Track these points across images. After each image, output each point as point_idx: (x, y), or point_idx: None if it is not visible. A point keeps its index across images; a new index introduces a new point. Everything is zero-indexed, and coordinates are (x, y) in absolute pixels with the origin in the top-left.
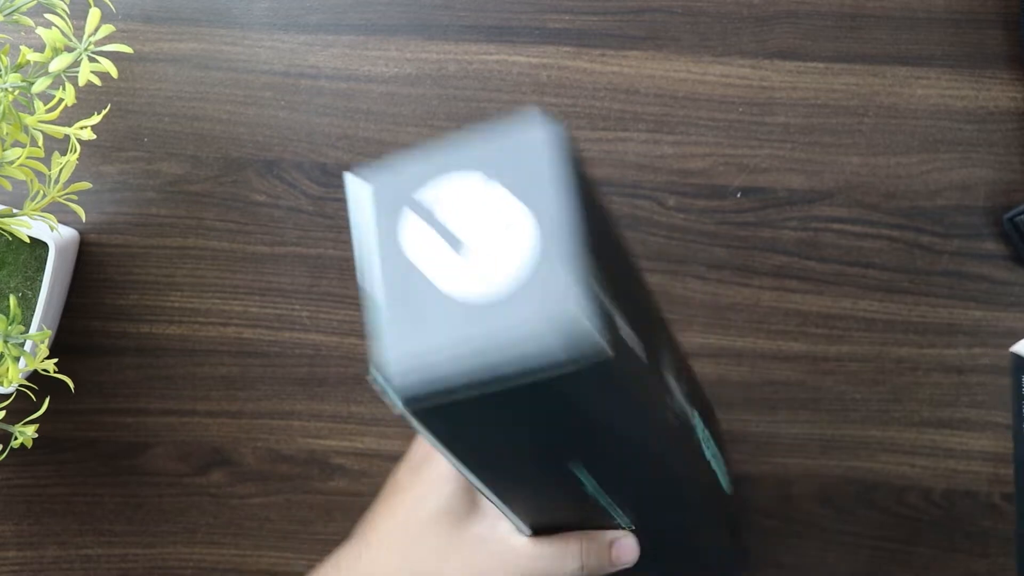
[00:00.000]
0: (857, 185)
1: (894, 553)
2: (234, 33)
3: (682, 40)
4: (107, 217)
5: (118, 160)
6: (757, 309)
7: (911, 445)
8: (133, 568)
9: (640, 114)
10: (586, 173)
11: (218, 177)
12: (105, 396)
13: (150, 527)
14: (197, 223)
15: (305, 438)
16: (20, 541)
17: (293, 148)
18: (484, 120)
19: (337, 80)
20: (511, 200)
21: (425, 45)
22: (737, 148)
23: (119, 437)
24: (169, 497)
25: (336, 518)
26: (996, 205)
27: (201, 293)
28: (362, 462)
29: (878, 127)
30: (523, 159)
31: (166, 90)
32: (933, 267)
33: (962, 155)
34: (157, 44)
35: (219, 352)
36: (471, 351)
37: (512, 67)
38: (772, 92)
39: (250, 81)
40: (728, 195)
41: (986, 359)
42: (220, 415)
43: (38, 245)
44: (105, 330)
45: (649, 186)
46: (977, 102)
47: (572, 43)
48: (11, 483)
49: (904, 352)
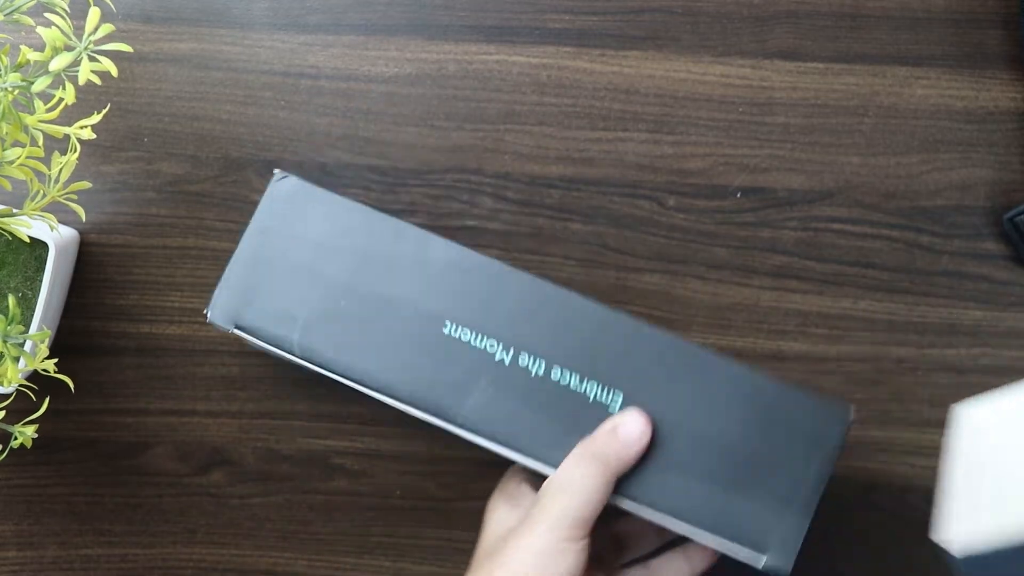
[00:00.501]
0: (857, 185)
1: (894, 554)
2: (234, 33)
3: (682, 40)
4: (107, 217)
5: (118, 160)
6: (757, 309)
7: (911, 445)
8: (133, 568)
9: (640, 114)
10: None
11: (218, 177)
12: (105, 396)
13: (150, 527)
14: (197, 223)
15: (305, 438)
16: (20, 541)
17: (293, 148)
18: (484, 120)
19: (337, 80)
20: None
21: (425, 45)
22: (737, 148)
23: (119, 437)
24: (169, 497)
25: (336, 518)
26: (996, 205)
27: (201, 293)
28: (362, 462)
29: (878, 127)
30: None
31: (166, 90)
32: (933, 267)
33: (962, 155)
34: (157, 44)
35: (219, 352)
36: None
37: (512, 67)
38: (772, 92)
39: (250, 81)
40: (728, 195)
41: (986, 359)
42: (220, 415)
43: (38, 245)
44: (105, 330)
45: (649, 186)
46: (977, 102)
47: (572, 43)
48: (11, 483)
49: (904, 352)
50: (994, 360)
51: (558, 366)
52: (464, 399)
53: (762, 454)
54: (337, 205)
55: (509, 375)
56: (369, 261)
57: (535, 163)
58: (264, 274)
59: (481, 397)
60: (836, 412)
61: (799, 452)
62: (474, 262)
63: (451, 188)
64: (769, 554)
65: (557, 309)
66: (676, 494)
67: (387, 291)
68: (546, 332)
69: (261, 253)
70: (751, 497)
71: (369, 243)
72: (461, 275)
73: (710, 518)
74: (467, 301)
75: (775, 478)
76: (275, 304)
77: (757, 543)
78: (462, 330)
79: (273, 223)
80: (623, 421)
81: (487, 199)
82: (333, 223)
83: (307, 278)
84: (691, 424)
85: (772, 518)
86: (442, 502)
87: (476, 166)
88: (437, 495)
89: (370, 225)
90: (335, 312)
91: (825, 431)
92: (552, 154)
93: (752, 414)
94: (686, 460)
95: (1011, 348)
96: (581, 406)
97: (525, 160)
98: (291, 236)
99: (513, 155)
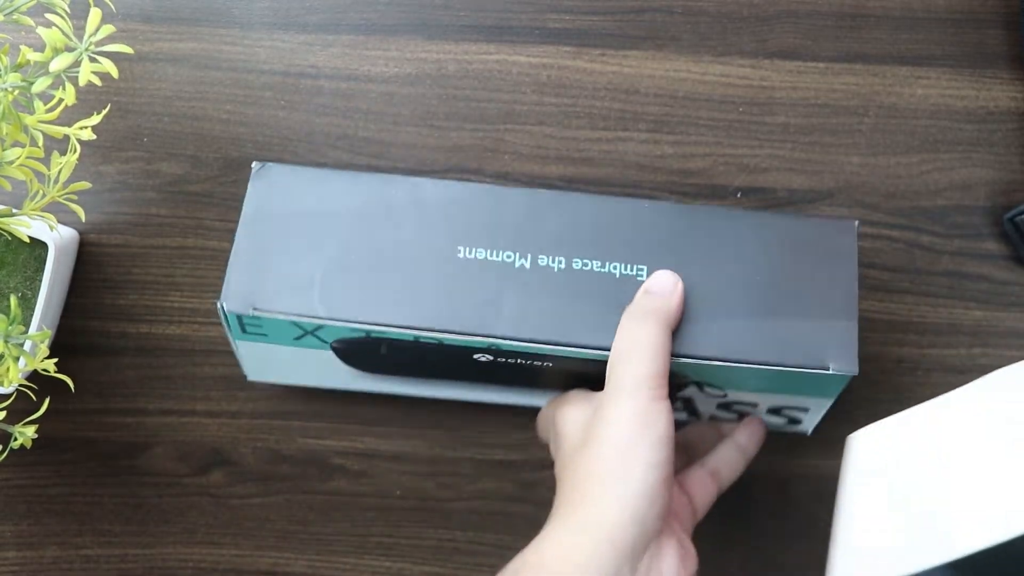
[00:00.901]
0: (857, 185)
1: None
2: (234, 33)
3: (682, 40)
4: (107, 217)
5: (118, 160)
6: None
7: None
8: (132, 568)
9: (640, 114)
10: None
11: (218, 177)
12: (105, 396)
13: (149, 527)
14: (197, 223)
15: (305, 438)
16: (20, 541)
17: (293, 148)
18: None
19: (337, 80)
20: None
21: (425, 45)
22: (737, 148)
23: (119, 437)
24: (169, 497)
25: (336, 518)
26: (996, 205)
27: (201, 293)
28: (362, 462)
29: (878, 127)
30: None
31: (166, 90)
32: (933, 267)
33: (962, 155)
34: (157, 44)
35: (219, 352)
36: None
37: (512, 67)
38: (772, 92)
39: (250, 81)
40: (728, 195)
41: (986, 359)
42: (220, 415)
43: (38, 245)
44: (104, 330)
45: (649, 186)
46: (977, 102)
47: (572, 43)
48: (11, 483)
49: (904, 352)
50: (994, 360)
51: (577, 258)
52: (499, 311)
53: (792, 280)
54: (321, 175)
55: (534, 278)
56: (367, 216)
57: (535, 163)
58: (268, 255)
59: (514, 304)
60: (844, 226)
61: (824, 268)
62: (470, 191)
63: None
64: (833, 363)
65: (561, 209)
66: (729, 339)
67: (393, 236)
68: (556, 232)
69: (260, 237)
70: (797, 319)
71: (362, 200)
72: (460, 205)
73: (767, 350)
74: (472, 225)
75: (812, 296)
76: (287, 277)
77: (818, 358)
78: (476, 251)
79: (264, 207)
80: (653, 280)
81: None
82: (322, 192)
83: (311, 247)
84: (718, 274)
85: (824, 330)
86: (442, 502)
87: (476, 166)
88: (437, 495)
89: (358, 185)
90: (348, 268)
91: (840, 243)
92: (552, 154)
93: (770, 248)
94: (727, 306)
95: (1011, 348)
96: (611, 284)
97: (525, 160)
98: (285, 214)
99: (513, 155)
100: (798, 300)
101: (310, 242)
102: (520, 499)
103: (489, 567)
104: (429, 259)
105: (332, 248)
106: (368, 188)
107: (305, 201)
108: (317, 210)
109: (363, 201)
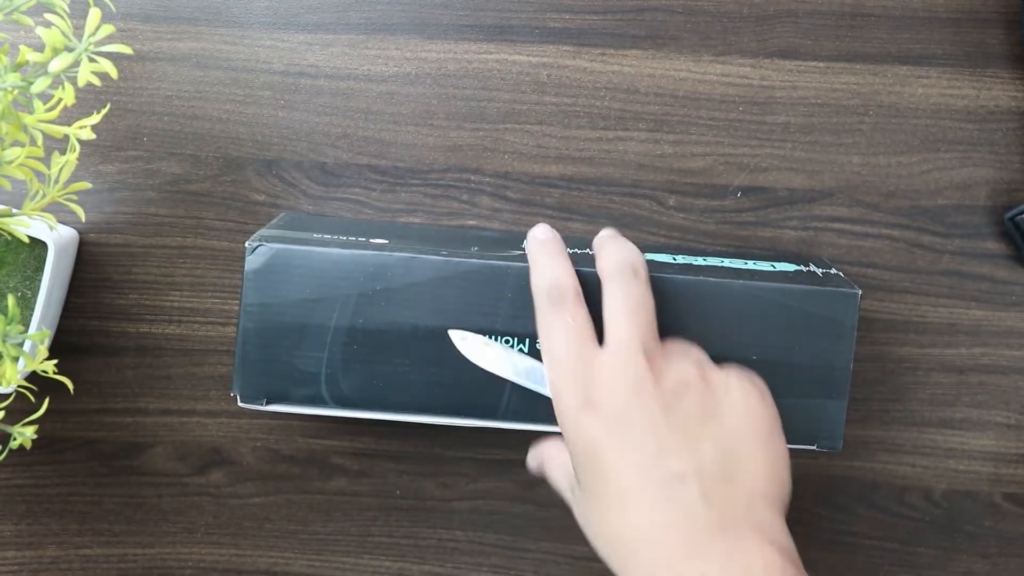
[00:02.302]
0: (857, 184)
1: (895, 553)
2: (233, 32)
3: (682, 39)
4: (106, 217)
5: (117, 160)
6: None
7: (911, 445)
8: (132, 568)
9: (640, 114)
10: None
11: (217, 177)
12: (105, 396)
13: (149, 527)
14: (197, 223)
15: (305, 438)
16: (19, 541)
17: (292, 147)
18: (484, 119)
19: (336, 79)
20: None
21: (425, 44)
22: (737, 147)
23: (118, 437)
24: (168, 497)
25: (336, 518)
26: (997, 204)
27: (201, 293)
28: (362, 462)
29: (878, 126)
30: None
31: (165, 90)
32: (933, 267)
33: (963, 154)
34: (157, 44)
35: (219, 352)
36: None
37: (512, 67)
38: (772, 91)
39: (249, 80)
40: (728, 194)
41: (987, 359)
42: (220, 415)
43: (37, 245)
44: (104, 330)
45: (649, 186)
46: (978, 101)
47: (572, 43)
48: (10, 483)
49: (904, 352)
50: (994, 360)
51: None
52: (500, 393)
53: (787, 361)
54: (315, 258)
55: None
56: (363, 300)
57: (535, 162)
58: (272, 345)
59: (516, 387)
60: (846, 296)
61: (822, 345)
62: (458, 269)
63: (451, 187)
64: (819, 442)
65: None
66: None
67: (390, 320)
68: None
69: (262, 327)
70: (789, 398)
71: (357, 283)
72: (450, 285)
73: None
74: (466, 307)
75: (805, 376)
76: (293, 369)
77: (806, 436)
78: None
79: (262, 296)
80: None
81: (487, 199)
82: (318, 277)
83: (313, 335)
84: (712, 352)
85: (814, 408)
86: (442, 502)
87: (476, 165)
88: (437, 495)
89: (352, 266)
90: (350, 357)
91: (842, 316)
92: (552, 153)
93: (769, 326)
94: None
95: (1011, 348)
96: None
97: (525, 159)
98: (284, 303)
99: (513, 154)
100: (791, 380)
101: (312, 332)
102: (520, 499)
103: (489, 567)
104: (428, 344)
105: (332, 337)
106: (363, 270)
107: (303, 288)
108: (315, 298)
109: (359, 285)
